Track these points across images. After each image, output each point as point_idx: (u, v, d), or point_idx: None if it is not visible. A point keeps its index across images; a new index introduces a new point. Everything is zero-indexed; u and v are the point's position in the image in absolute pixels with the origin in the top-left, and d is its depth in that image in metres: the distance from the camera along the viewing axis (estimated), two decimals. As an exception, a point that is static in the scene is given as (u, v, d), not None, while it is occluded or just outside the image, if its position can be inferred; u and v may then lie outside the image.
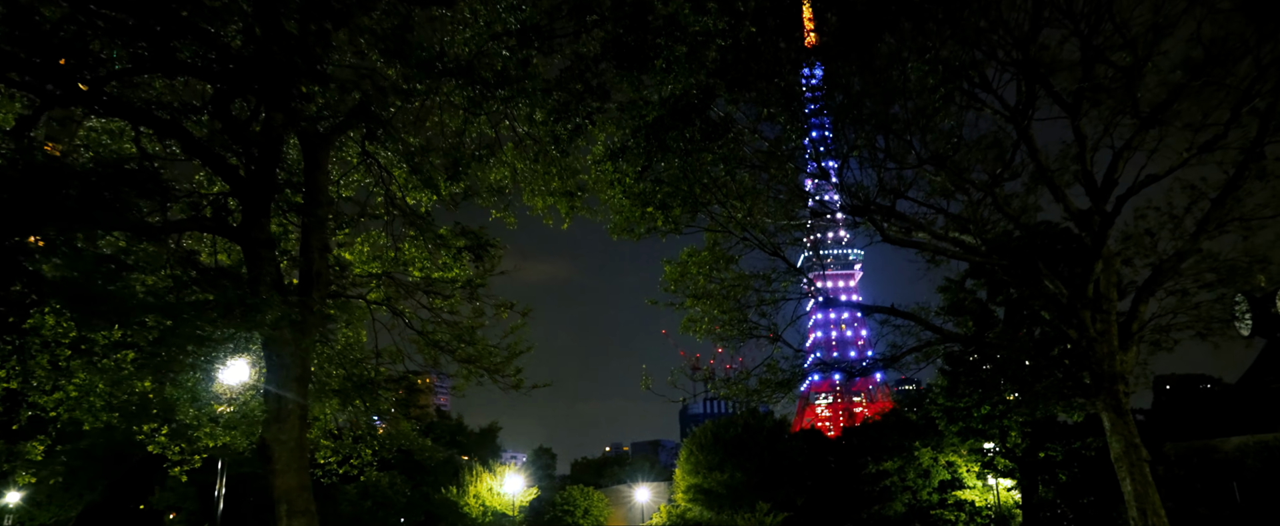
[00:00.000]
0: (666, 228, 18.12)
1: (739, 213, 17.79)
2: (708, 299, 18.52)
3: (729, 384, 18.89)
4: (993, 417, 41.03)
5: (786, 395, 18.87)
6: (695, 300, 19.05)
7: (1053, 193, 17.33)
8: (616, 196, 18.21)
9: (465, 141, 15.77)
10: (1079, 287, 16.11)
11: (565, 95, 15.27)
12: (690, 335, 19.87)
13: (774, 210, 19.30)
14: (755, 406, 19.45)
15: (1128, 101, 16.39)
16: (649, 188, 17.63)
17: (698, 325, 19.27)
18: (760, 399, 18.75)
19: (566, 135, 15.59)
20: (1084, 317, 16.00)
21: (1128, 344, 16.17)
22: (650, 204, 17.02)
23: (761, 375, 18.54)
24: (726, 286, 18.52)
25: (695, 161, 17.76)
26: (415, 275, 15.40)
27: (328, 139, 11.87)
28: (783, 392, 18.67)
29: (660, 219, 17.03)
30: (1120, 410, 15.72)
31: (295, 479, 10.12)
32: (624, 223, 18.34)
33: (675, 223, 17.71)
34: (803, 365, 18.94)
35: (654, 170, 17.70)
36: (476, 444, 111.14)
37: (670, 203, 18.03)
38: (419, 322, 14.59)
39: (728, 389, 18.90)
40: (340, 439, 15.90)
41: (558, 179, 16.96)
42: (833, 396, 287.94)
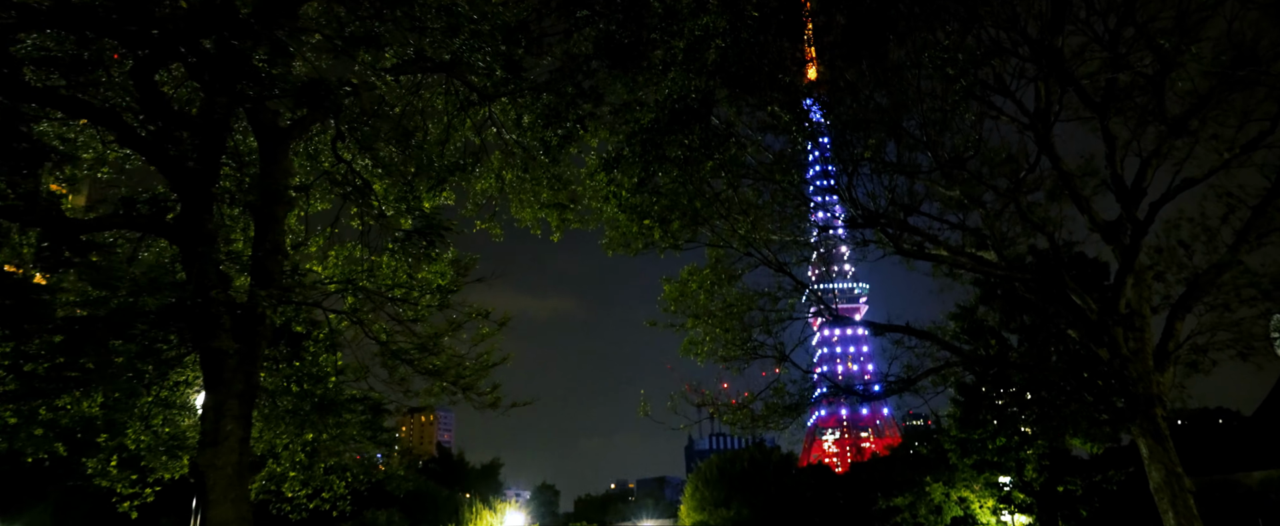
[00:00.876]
0: (665, 243, 17.03)
1: (742, 227, 16.69)
2: (709, 318, 17.34)
3: (732, 410, 17.63)
4: (1008, 449, 39.43)
5: (794, 420, 17.58)
6: (696, 320, 17.87)
7: (1076, 203, 16.23)
8: (611, 210, 17.19)
9: (449, 150, 14.78)
10: (1110, 303, 14.93)
11: (555, 98, 14.31)
12: (691, 358, 18.66)
13: (779, 225, 18.22)
14: (760, 437, 18.04)
15: (1155, 108, 15.39)
16: (646, 200, 16.61)
17: (699, 347, 18.06)
18: (766, 425, 17.47)
19: (557, 141, 14.60)
20: (1116, 335, 14.79)
21: (1164, 364, 14.93)
22: (647, 217, 15.95)
23: (767, 399, 17.30)
24: (729, 305, 17.35)
25: (695, 172, 16.74)
26: (397, 293, 14.29)
27: (288, 134, 10.87)
28: (790, 418, 17.38)
29: (658, 232, 15.94)
30: (1159, 435, 14.42)
31: (232, 510, 8.91)
32: (619, 238, 17.26)
33: (674, 237, 16.61)
34: (811, 388, 17.69)
35: (651, 182, 16.70)
36: (478, 480, 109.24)
37: (669, 216, 16.98)
38: (381, 333, 13.37)
39: (731, 415, 17.63)
40: (310, 469, 14.67)
41: (548, 190, 15.93)
42: (840, 431, 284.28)
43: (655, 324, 18.91)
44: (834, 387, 18.44)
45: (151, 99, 8.81)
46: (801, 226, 18.57)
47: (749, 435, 18.47)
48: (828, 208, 17.28)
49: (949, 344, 17.32)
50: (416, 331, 13.57)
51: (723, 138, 16.57)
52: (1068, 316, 16.02)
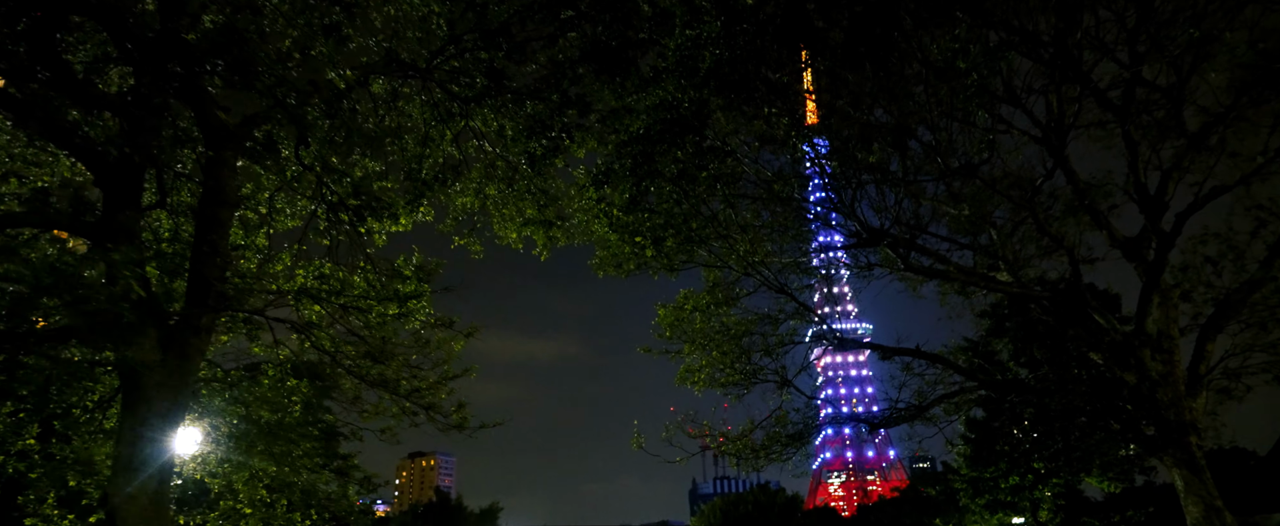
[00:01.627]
0: (658, 264, 16.07)
1: (741, 246, 15.75)
2: (706, 343, 16.27)
3: (731, 440, 16.44)
4: (1022, 489, 37.95)
5: (798, 451, 16.40)
6: (692, 347, 16.81)
7: (1094, 219, 15.27)
8: (602, 228, 16.27)
9: (427, 165, 13.90)
10: (1136, 324, 13.88)
11: (540, 106, 13.49)
12: (689, 389, 17.55)
13: (779, 246, 17.28)
14: (763, 475, 16.84)
15: (1173, 122, 14.54)
16: (639, 218, 15.70)
17: (696, 374, 16.97)
18: (768, 457, 16.27)
19: (541, 152, 13.73)
20: (1143, 357, 13.70)
21: (1196, 389, 13.82)
22: (639, 233, 15.03)
23: (769, 429, 16.13)
24: (727, 328, 16.30)
25: (690, 188, 15.87)
26: (372, 314, 13.28)
27: (237, 133, 9.97)
28: (794, 448, 16.19)
29: (650, 251, 14.99)
30: (1195, 466, 13.25)
31: (149, 549, 7.83)
32: (610, 258, 16.32)
33: (668, 257, 15.66)
34: (815, 416, 16.53)
35: (644, 200, 15.82)
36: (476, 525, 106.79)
37: (662, 234, 16.07)
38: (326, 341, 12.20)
39: (730, 445, 16.45)
40: (273, 508, 13.47)
41: (533, 206, 15.02)
42: (846, 474, 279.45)
43: (649, 350, 17.85)
44: (839, 418, 17.20)
45: (54, 69, 7.86)
46: (803, 247, 17.61)
47: (750, 468, 17.09)
48: (829, 226, 16.34)
49: (963, 368, 16.16)
50: (365, 339, 12.46)
51: (719, 154, 15.74)
52: (1089, 339, 14.96)
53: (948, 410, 16.80)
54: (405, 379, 12.66)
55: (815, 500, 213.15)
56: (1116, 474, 36.92)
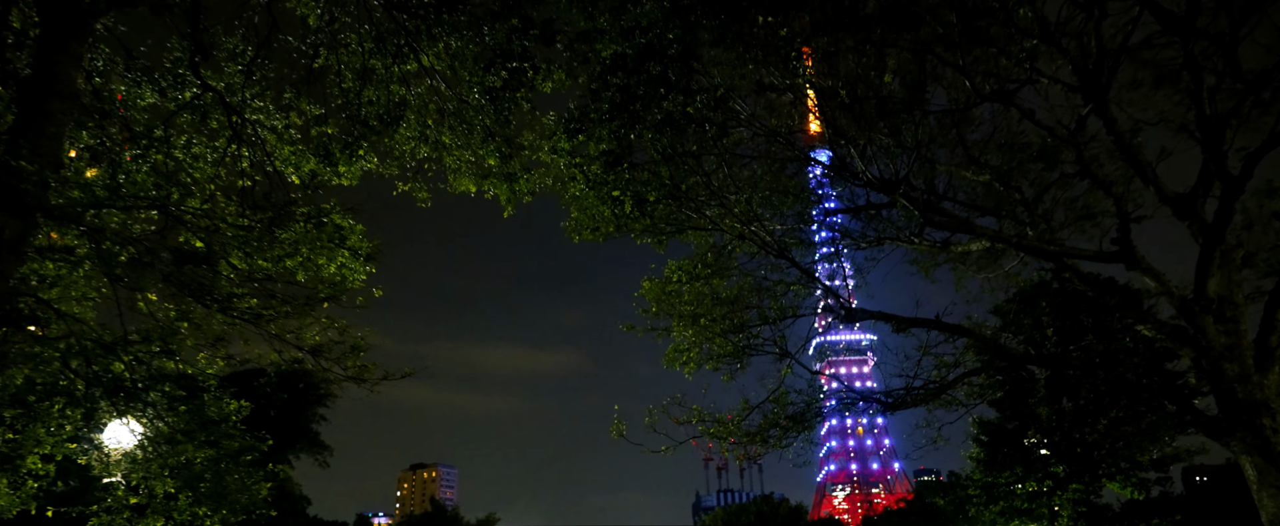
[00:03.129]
0: (640, 226, 14.09)
1: (737, 206, 13.78)
2: (697, 310, 14.17)
3: (722, 423, 14.36)
4: (1039, 495, 35.65)
5: (801, 436, 14.33)
6: (682, 323, 14.76)
7: (1139, 173, 13.24)
8: (577, 189, 14.31)
9: (366, 103, 11.96)
10: (1196, 287, 11.84)
11: (499, 32, 11.57)
12: (677, 370, 15.49)
13: (778, 212, 15.30)
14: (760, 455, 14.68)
15: (1229, 67, 12.56)
16: (620, 176, 13.73)
17: (686, 354, 14.92)
18: (765, 442, 14.22)
19: (500, 85, 11.80)
20: (1205, 326, 11.66)
21: (1266, 363, 11.76)
22: (617, 187, 13.06)
23: (767, 410, 14.06)
24: (720, 297, 14.24)
25: (678, 141, 13.90)
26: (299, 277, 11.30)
27: (85, 19, 8.08)
28: (795, 432, 14.12)
29: (628, 203, 13.01)
30: (1270, 453, 11.20)
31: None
32: (587, 220, 14.34)
33: (651, 216, 13.68)
34: (819, 396, 14.44)
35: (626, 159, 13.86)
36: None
37: (645, 192, 14.10)
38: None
39: (719, 428, 14.38)
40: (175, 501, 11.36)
41: (495, 156, 13.06)
42: (851, 487, 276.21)
43: (632, 328, 15.82)
44: (845, 401, 15.02)
45: None
46: (804, 213, 15.61)
47: (745, 455, 14.89)
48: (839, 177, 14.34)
49: (991, 341, 14.06)
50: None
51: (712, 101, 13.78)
52: (1138, 309, 12.94)
53: (969, 394, 14.72)
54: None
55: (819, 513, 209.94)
56: (1140, 480, 34.71)
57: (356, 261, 11.49)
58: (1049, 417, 35.44)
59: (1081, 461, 34.48)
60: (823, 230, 18.06)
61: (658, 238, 15.41)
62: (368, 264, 11.62)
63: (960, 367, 14.33)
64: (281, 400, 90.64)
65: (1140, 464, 34.07)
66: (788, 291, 14.61)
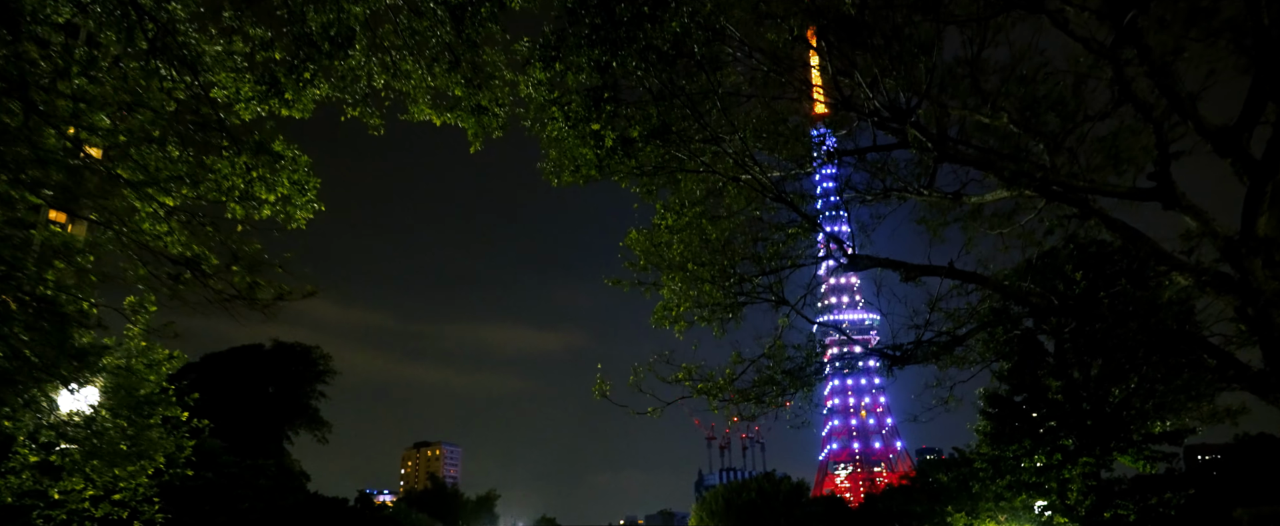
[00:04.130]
0: (624, 168, 12.82)
1: (731, 146, 12.49)
2: (687, 258, 12.84)
3: (714, 380, 13.13)
4: (1049, 469, 34.54)
5: (800, 392, 13.12)
6: (672, 274, 13.47)
7: (1174, 106, 11.89)
8: (556, 127, 13.03)
9: (312, 19, 10.62)
10: (1244, 226, 10.56)
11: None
12: (666, 329, 14.26)
13: (776, 157, 14.01)
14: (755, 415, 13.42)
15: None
16: (604, 112, 12.44)
17: (674, 311, 13.68)
18: (760, 401, 13.02)
19: None
20: (1253, 269, 10.39)
21: (1321, 312, 10.55)
22: (596, 120, 11.78)
23: (762, 367, 12.84)
24: (711, 243, 12.92)
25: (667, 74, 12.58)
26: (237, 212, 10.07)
27: None
28: (794, 388, 12.91)
29: (609, 139, 11.73)
30: (1326, 411, 10.01)
31: None
32: (566, 161, 13.07)
33: (634, 153, 12.41)
34: (819, 350, 13.19)
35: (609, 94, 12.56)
36: (473, 513, 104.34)
37: (629, 132, 12.81)
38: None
39: (710, 384, 13.13)
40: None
41: (461, 85, 11.74)
42: (853, 466, 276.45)
43: (618, 283, 14.56)
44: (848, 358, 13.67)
45: None
46: (804, 160, 14.29)
47: (737, 414, 13.60)
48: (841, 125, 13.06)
49: (1012, 288, 12.72)
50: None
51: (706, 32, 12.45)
52: (1171, 258, 11.65)
53: (982, 351, 13.44)
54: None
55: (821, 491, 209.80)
56: (1152, 454, 33.60)
57: (301, 196, 10.25)
58: (1059, 389, 34.31)
59: (1092, 434, 33.36)
60: (823, 181, 16.77)
61: (645, 187, 14.14)
62: (313, 200, 10.37)
63: (974, 321, 13.05)
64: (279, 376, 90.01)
65: (1153, 436, 32.93)
66: (785, 236, 13.31)
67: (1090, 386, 33.45)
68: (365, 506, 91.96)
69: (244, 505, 67.43)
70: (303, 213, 10.42)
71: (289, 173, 10.01)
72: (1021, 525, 54.99)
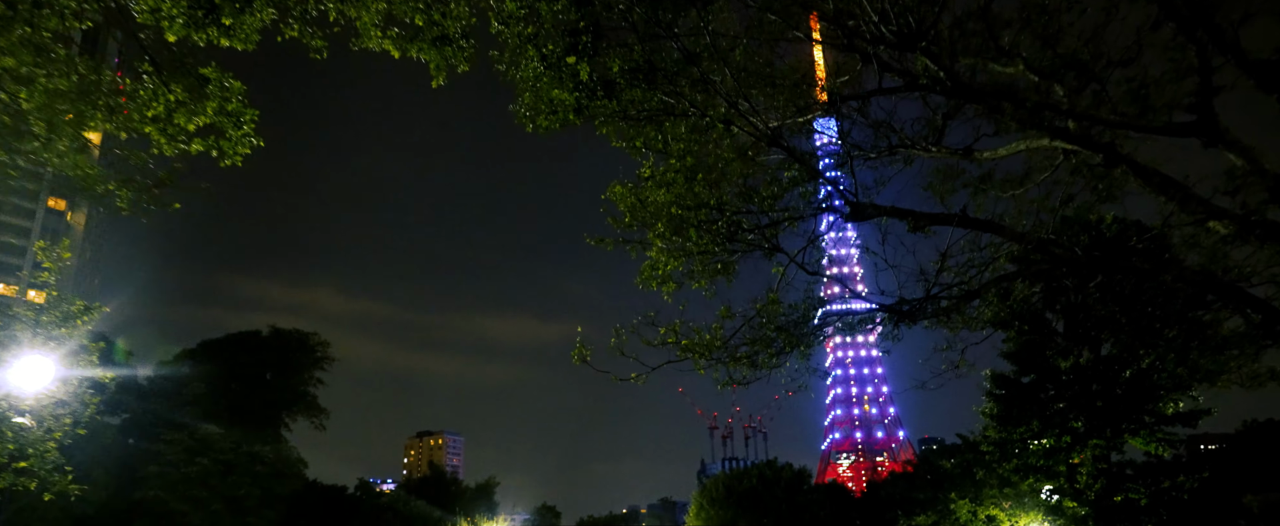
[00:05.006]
0: (606, 109, 11.66)
1: (725, 84, 11.33)
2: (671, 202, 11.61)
3: (700, 342, 11.89)
4: (1057, 451, 33.42)
5: (796, 353, 11.93)
6: (655, 218, 12.26)
7: (1213, 39, 10.72)
8: (531, 68, 11.88)
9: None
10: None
11: None
12: (653, 290, 13.10)
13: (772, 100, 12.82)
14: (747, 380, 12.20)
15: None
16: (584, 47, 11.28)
17: (662, 269, 12.53)
18: (753, 363, 11.86)
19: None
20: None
21: (1378, 260, 9.45)
22: (573, 53, 10.62)
23: (755, 326, 11.63)
24: (700, 196, 11.71)
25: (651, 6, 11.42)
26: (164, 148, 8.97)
27: None
28: (790, 348, 11.73)
29: (584, 72, 10.58)
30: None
31: None
32: (543, 105, 11.91)
33: (616, 94, 11.25)
34: (816, 304, 11.97)
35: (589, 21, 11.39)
36: (472, 501, 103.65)
37: (612, 76, 11.65)
38: None
39: (696, 342, 11.90)
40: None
41: (421, 11, 10.60)
42: (855, 455, 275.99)
43: (601, 241, 13.40)
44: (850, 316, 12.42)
45: None
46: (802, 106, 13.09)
47: (728, 381, 12.37)
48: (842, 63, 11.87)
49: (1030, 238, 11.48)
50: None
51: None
52: (1208, 204, 10.50)
53: (998, 310, 12.21)
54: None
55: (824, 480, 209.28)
56: (1165, 437, 32.47)
57: (236, 130, 9.13)
58: (1068, 369, 33.20)
59: (1102, 415, 32.24)
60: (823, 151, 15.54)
61: (631, 139, 12.96)
62: (250, 134, 9.25)
63: (987, 273, 11.85)
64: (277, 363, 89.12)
65: (1165, 417, 31.79)
66: (783, 179, 12.10)
67: (1101, 366, 32.33)
68: (365, 494, 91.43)
69: (241, 491, 66.77)
70: (240, 148, 9.29)
71: (220, 99, 8.88)
72: (1027, 512, 54.02)
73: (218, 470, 66.62)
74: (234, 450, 68.61)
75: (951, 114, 13.95)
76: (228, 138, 9.19)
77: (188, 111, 8.56)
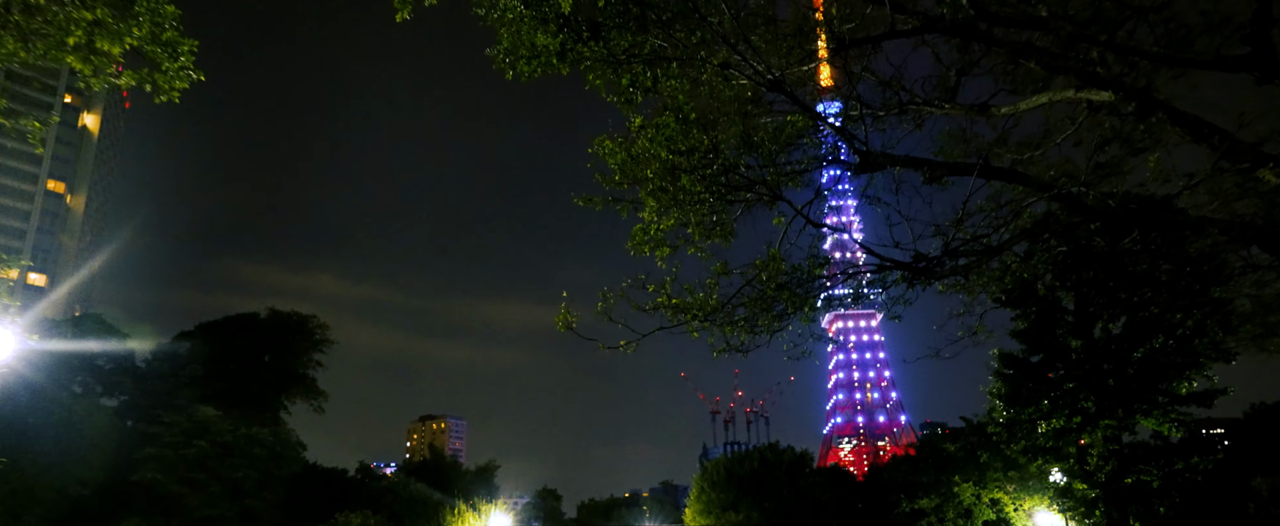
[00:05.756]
0: (594, 52, 10.61)
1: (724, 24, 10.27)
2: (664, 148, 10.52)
3: (694, 302, 10.83)
4: (1067, 432, 32.47)
5: (799, 314, 10.89)
6: (651, 186, 11.23)
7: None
8: (512, 4, 10.85)
9: None
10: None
11: None
12: (645, 255, 12.09)
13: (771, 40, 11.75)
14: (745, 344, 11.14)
15: None
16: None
17: (654, 229, 11.50)
18: (751, 328, 10.80)
19: None
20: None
21: None
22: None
23: (756, 284, 10.56)
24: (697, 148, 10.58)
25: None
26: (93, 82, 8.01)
27: None
28: (793, 310, 10.66)
29: (566, 4, 9.53)
30: None
31: None
32: (524, 46, 10.87)
33: (602, 36, 10.20)
34: (820, 263, 10.89)
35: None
36: (472, 483, 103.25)
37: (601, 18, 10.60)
38: None
39: (687, 302, 10.82)
40: None
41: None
42: (857, 440, 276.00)
43: (589, 201, 12.38)
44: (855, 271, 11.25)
45: None
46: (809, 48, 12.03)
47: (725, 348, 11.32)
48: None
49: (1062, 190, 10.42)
50: None
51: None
52: (1258, 152, 9.48)
53: (1020, 267, 11.20)
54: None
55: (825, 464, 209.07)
56: (1178, 417, 31.49)
57: (172, 61, 8.12)
58: (1079, 348, 32.22)
59: (1114, 395, 31.29)
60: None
61: (621, 90, 11.90)
62: (189, 66, 8.24)
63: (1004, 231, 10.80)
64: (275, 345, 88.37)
65: (1179, 397, 30.82)
66: (784, 126, 11.02)
67: (1113, 344, 31.35)
68: (366, 476, 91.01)
69: (239, 474, 66.20)
70: (177, 82, 8.29)
71: (150, 24, 7.86)
72: (1031, 495, 53.21)
73: (215, 452, 66.00)
74: (232, 432, 67.96)
75: (966, 69, 12.89)
76: (163, 71, 8.18)
77: (109, 34, 7.56)
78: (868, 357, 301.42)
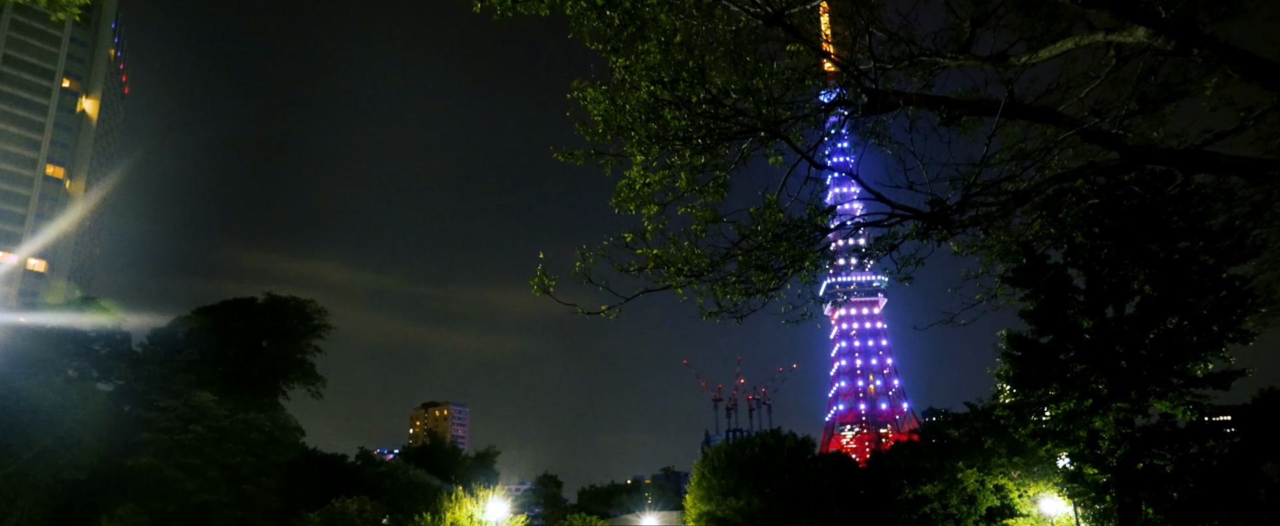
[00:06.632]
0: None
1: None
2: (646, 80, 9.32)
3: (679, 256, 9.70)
4: (1078, 415, 31.40)
5: (801, 268, 9.75)
6: (638, 137, 10.11)
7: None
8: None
9: None
10: None
11: None
12: (630, 213, 11.01)
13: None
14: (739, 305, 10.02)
15: None
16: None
17: (639, 183, 10.41)
18: (747, 290, 9.68)
19: None
20: None
21: None
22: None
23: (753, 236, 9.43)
24: (682, 52, 9.35)
25: None
26: None
27: None
28: (791, 267, 9.53)
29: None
30: None
31: None
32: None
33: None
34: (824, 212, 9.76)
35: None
36: (471, 470, 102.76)
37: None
38: None
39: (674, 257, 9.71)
40: None
41: None
42: (859, 427, 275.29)
43: (570, 156, 11.27)
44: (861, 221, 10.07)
45: None
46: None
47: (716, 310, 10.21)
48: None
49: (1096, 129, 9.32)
50: None
51: None
52: None
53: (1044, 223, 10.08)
54: None
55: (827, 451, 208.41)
56: (1193, 400, 30.43)
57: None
58: (1091, 329, 31.13)
59: (1127, 377, 30.21)
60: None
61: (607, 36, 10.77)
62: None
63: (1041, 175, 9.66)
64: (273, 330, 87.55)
65: (1195, 379, 29.75)
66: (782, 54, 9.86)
67: (1126, 325, 30.26)
68: (366, 462, 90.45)
69: (236, 459, 65.49)
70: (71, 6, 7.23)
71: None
72: (1036, 482, 52.25)
73: (212, 438, 65.28)
74: (229, 418, 67.24)
75: (981, 20, 11.78)
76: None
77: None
78: (871, 344, 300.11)
